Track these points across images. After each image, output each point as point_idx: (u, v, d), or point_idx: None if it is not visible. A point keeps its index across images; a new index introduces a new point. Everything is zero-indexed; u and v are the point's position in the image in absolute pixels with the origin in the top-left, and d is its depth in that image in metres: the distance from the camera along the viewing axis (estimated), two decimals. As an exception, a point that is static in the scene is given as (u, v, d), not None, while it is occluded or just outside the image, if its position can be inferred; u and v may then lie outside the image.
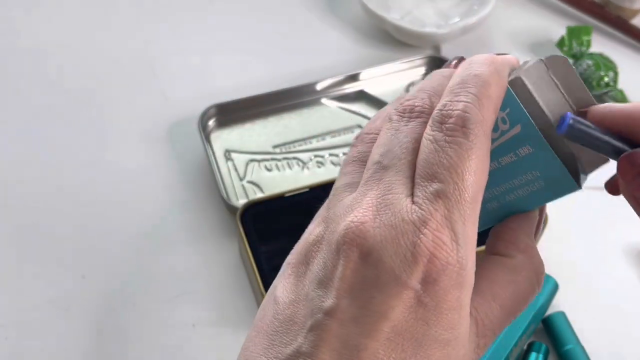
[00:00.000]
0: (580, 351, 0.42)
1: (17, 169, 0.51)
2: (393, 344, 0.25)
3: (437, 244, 0.25)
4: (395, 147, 0.26)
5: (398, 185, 0.25)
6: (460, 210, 0.25)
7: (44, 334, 0.43)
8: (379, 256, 0.25)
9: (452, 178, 0.25)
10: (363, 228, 0.25)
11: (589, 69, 0.54)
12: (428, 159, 0.25)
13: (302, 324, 0.26)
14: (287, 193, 0.44)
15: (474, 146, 0.25)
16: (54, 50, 0.58)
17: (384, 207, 0.25)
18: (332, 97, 0.53)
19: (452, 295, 0.25)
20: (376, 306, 0.25)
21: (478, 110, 0.25)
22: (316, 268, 0.26)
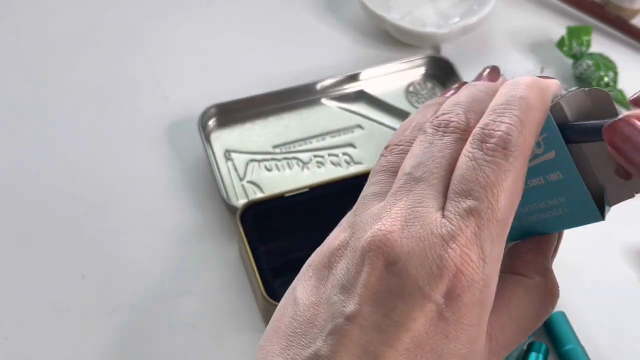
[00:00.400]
0: (580, 351, 0.42)
1: (17, 169, 0.51)
2: (412, 354, 0.25)
3: (464, 260, 0.25)
4: (429, 161, 0.26)
5: (429, 199, 0.26)
6: (490, 230, 0.25)
7: (44, 334, 0.43)
8: (404, 266, 0.25)
9: (487, 197, 0.25)
10: (390, 237, 0.25)
11: (588, 69, 0.54)
12: (464, 175, 0.25)
13: (322, 327, 0.26)
14: (287, 193, 0.45)
15: (512, 168, 0.25)
16: (53, 51, 0.58)
17: (413, 218, 0.25)
18: (332, 97, 0.53)
19: (474, 312, 0.25)
20: (398, 316, 0.25)
21: (520, 133, 0.25)
22: (340, 273, 0.26)
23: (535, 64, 0.58)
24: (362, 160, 0.50)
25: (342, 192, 0.45)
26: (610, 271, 0.46)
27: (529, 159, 0.26)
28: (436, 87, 0.54)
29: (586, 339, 0.43)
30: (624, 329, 0.44)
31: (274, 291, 0.41)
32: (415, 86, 0.54)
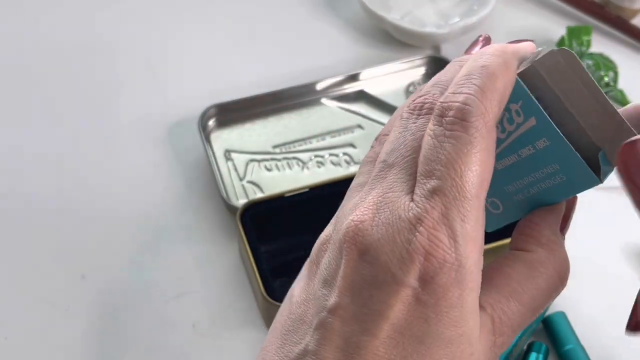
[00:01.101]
0: (580, 351, 0.42)
1: (17, 169, 0.51)
2: (394, 342, 0.25)
3: (432, 241, 0.24)
4: (401, 146, 0.26)
5: (399, 184, 0.25)
6: (458, 208, 0.24)
7: (44, 333, 0.43)
8: (376, 254, 0.25)
9: (449, 174, 0.24)
10: (362, 226, 0.25)
11: (589, 68, 0.54)
12: (427, 155, 0.25)
13: (310, 323, 0.26)
14: (287, 193, 0.44)
15: (473, 140, 0.24)
16: (53, 51, 0.58)
17: (383, 205, 0.25)
18: (332, 97, 0.53)
19: (452, 293, 0.25)
20: (375, 304, 0.25)
21: (480, 102, 0.24)
22: (323, 267, 0.26)
23: (536, 64, 0.58)
24: (362, 160, 0.50)
25: (342, 192, 0.45)
26: (610, 271, 0.46)
27: (514, 130, 0.26)
28: (436, 87, 0.54)
29: (586, 339, 0.43)
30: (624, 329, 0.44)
31: (274, 291, 0.41)
32: (415, 86, 0.54)
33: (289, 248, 0.44)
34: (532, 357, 0.41)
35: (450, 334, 0.25)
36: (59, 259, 0.46)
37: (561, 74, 0.25)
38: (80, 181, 0.50)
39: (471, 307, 0.25)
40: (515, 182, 0.28)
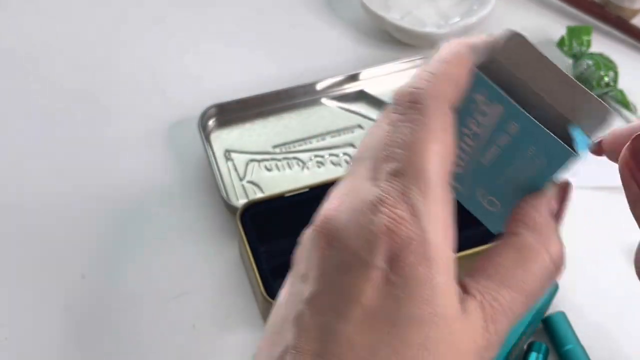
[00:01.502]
0: (580, 351, 0.42)
1: (17, 169, 0.51)
2: (367, 325, 0.25)
3: (394, 219, 0.25)
4: (373, 140, 0.26)
5: (364, 172, 0.26)
6: (418, 186, 0.25)
7: (44, 333, 0.43)
8: (343, 240, 0.25)
9: (407, 155, 0.25)
10: (329, 214, 0.25)
11: (589, 68, 0.54)
12: (385, 141, 0.25)
13: (290, 319, 0.26)
14: (287, 193, 0.44)
15: (429, 121, 0.25)
16: (54, 51, 0.58)
17: (348, 192, 0.26)
18: (332, 97, 0.53)
19: (420, 270, 0.25)
20: (346, 290, 0.25)
21: (432, 84, 0.25)
22: (300, 263, 0.27)
23: (536, 63, 0.58)
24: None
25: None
26: (610, 271, 0.46)
27: (488, 122, 0.27)
28: (436, 87, 0.54)
29: (586, 339, 0.43)
30: (624, 329, 0.44)
31: (273, 291, 0.41)
32: (415, 80, 0.54)
33: (289, 248, 0.44)
34: (532, 357, 0.41)
35: (421, 313, 0.25)
36: (59, 259, 0.46)
37: (520, 58, 0.26)
38: (80, 181, 0.50)
39: (443, 286, 0.25)
40: (503, 174, 0.28)
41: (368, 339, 0.25)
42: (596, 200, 0.49)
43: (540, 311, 0.43)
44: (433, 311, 0.25)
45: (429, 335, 0.25)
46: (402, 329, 0.25)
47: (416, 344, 0.25)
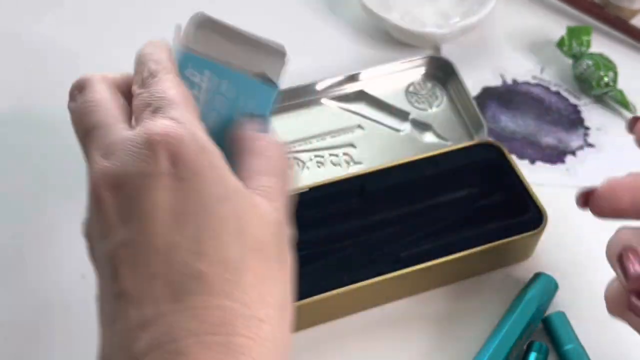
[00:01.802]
0: (580, 351, 0.42)
1: (17, 169, 0.51)
2: (180, 224, 0.28)
3: (164, 128, 0.29)
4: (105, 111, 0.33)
5: (115, 128, 0.31)
6: (168, 105, 0.30)
7: (44, 333, 0.43)
8: (125, 175, 0.29)
9: (151, 95, 0.31)
10: (104, 170, 0.29)
11: (588, 69, 0.54)
12: (135, 103, 0.32)
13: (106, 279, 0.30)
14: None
15: (163, 75, 0.32)
16: (54, 51, 0.58)
17: (107, 145, 0.30)
18: (332, 97, 0.53)
19: (202, 158, 0.29)
20: (145, 207, 0.28)
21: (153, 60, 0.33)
22: (93, 237, 0.31)
23: (535, 64, 0.58)
24: (362, 160, 0.50)
25: (342, 192, 0.45)
26: (610, 271, 0.46)
27: (205, 93, 0.33)
28: (436, 87, 0.54)
29: (586, 339, 0.43)
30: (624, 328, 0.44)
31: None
32: (415, 86, 0.54)
33: (290, 248, 0.44)
34: (532, 357, 0.41)
35: (222, 191, 0.29)
36: (59, 259, 0.46)
37: (204, 34, 0.34)
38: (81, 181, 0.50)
39: (227, 170, 0.30)
40: (222, 131, 0.33)
41: (187, 232, 0.28)
42: (596, 201, 0.49)
43: (540, 311, 0.43)
44: (231, 188, 0.30)
45: (236, 209, 0.29)
46: (213, 208, 0.29)
47: (229, 216, 0.29)
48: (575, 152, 0.52)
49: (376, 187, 0.45)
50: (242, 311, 0.28)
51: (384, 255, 0.44)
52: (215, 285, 0.28)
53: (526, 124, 0.54)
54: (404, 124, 0.52)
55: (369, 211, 0.45)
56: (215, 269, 0.28)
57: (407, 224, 0.45)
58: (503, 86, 0.56)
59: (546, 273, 0.44)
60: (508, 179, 0.46)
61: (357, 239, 0.45)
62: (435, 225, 0.45)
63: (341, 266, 0.44)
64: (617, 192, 0.36)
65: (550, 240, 0.46)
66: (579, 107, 0.55)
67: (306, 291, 0.41)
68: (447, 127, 0.52)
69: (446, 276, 0.44)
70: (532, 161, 0.52)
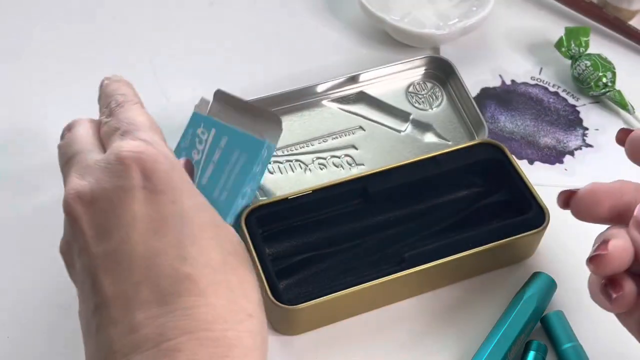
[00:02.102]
0: (579, 350, 0.42)
1: (17, 170, 0.51)
2: (160, 233, 0.30)
3: (134, 147, 0.32)
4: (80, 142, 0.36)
5: (85, 154, 0.34)
6: (137, 130, 0.34)
7: (46, 332, 0.44)
8: (100, 191, 0.31)
9: (115, 118, 0.35)
10: (77, 188, 0.32)
11: (587, 69, 0.55)
12: (104, 129, 0.36)
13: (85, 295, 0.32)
14: (291, 196, 0.45)
15: (132, 106, 0.37)
16: (53, 50, 0.58)
17: (82, 167, 0.33)
18: (333, 98, 0.53)
19: (174, 174, 0.32)
20: (123, 218, 0.31)
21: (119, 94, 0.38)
22: (64, 246, 0.34)
23: (534, 64, 0.58)
24: (364, 161, 0.50)
25: (344, 194, 0.46)
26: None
27: (204, 147, 0.40)
28: (436, 87, 0.54)
29: (584, 338, 0.43)
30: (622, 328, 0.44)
31: (279, 293, 0.41)
32: (416, 87, 0.54)
33: (293, 250, 0.45)
34: (531, 356, 0.41)
35: (195, 202, 0.32)
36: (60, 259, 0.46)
37: (219, 104, 0.41)
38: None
39: (191, 184, 0.33)
40: (218, 184, 0.40)
41: (168, 239, 0.30)
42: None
43: (539, 310, 0.43)
44: (200, 199, 0.33)
45: (212, 216, 0.32)
46: (189, 218, 0.31)
47: (205, 224, 0.31)
48: (573, 152, 0.53)
49: (378, 188, 0.45)
50: (231, 307, 0.30)
51: (387, 256, 0.44)
52: (202, 285, 0.30)
53: (525, 125, 0.54)
54: (405, 124, 0.52)
55: (371, 212, 0.46)
56: (201, 271, 0.30)
57: (410, 225, 0.46)
58: (502, 87, 0.56)
59: (545, 272, 0.44)
60: (510, 178, 0.46)
61: (360, 240, 0.45)
62: (438, 225, 0.46)
63: (345, 268, 0.44)
64: (598, 196, 0.37)
65: (549, 239, 0.46)
66: (577, 108, 0.55)
67: (310, 293, 0.41)
68: (448, 127, 0.52)
69: (450, 276, 0.44)
70: (531, 161, 0.52)
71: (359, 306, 0.43)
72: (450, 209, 0.47)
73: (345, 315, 0.43)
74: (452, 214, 0.46)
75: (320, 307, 0.41)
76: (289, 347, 0.43)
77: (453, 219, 0.46)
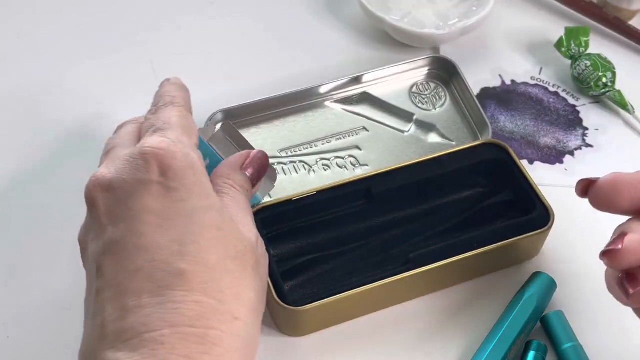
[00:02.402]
0: (579, 350, 0.42)
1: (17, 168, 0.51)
2: (165, 227, 0.32)
3: (157, 143, 0.33)
4: (122, 136, 0.39)
5: (119, 150, 0.36)
6: (168, 128, 0.35)
7: (46, 332, 0.43)
8: (119, 180, 0.33)
9: (155, 117, 0.37)
10: (99, 176, 0.34)
11: (587, 69, 0.55)
12: (145, 125, 0.37)
13: (95, 283, 0.33)
14: (295, 197, 0.45)
15: (175, 108, 0.38)
16: (53, 52, 0.58)
17: (111, 159, 0.35)
18: (336, 99, 0.53)
19: (190, 173, 0.33)
20: (132, 208, 0.32)
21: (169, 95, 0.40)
22: (88, 237, 0.35)
23: (534, 64, 0.58)
24: (368, 162, 0.50)
25: (349, 194, 0.46)
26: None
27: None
28: (439, 87, 0.54)
29: (584, 338, 0.43)
30: (623, 327, 0.44)
31: (284, 294, 0.41)
32: (419, 87, 0.54)
33: (298, 251, 0.45)
34: (531, 356, 0.42)
35: (206, 204, 0.33)
36: (60, 258, 0.46)
37: (221, 135, 0.43)
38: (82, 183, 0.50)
39: (208, 184, 0.34)
40: None
41: (171, 235, 0.31)
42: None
43: (539, 310, 0.43)
44: (212, 202, 0.33)
45: (215, 219, 0.33)
46: (197, 217, 0.32)
47: (210, 226, 0.32)
48: (573, 152, 0.53)
49: (383, 189, 0.45)
50: (218, 307, 0.31)
51: (392, 256, 0.44)
52: (194, 282, 0.31)
53: (525, 125, 0.54)
54: (409, 125, 0.52)
55: (376, 213, 0.46)
56: (195, 268, 0.31)
57: (414, 225, 0.46)
58: (502, 87, 0.56)
59: (545, 272, 0.45)
60: (514, 178, 0.46)
61: (365, 241, 0.45)
62: (443, 226, 0.46)
63: (350, 269, 0.44)
64: (618, 187, 0.36)
65: (549, 239, 0.46)
66: (577, 108, 0.56)
67: (315, 295, 0.41)
68: (452, 127, 0.52)
69: (454, 276, 0.45)
70: (531, 161, 0.52)
71: (364, 307, 0.43)
72: (455, 209, 0.47)
73: (350, 316, 0.43)
74: (456, 214, 0.46)
75: (325, 309, 0.41)
76: (294, 348, 0.43)
77: (457, 219, 0.46)
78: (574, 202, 0.49)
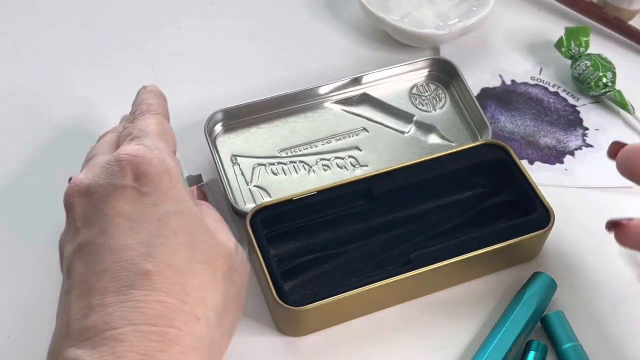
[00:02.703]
0: (579, 350, 0.42)
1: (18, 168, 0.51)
2: (135, 230, 0.32)
3: (133, 150, 0.34)
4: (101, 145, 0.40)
5: (102, 155, 0.37)
6: (144, 136, 0.36)
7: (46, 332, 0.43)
8: (95, 186, 0.34)
9: (132, 125, 0.38)
10: (77, 182, 0.34)
11: (587, 69, 0.55)
12: (123, 133, 0.38)
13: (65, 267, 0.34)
14: (295, 197, 0.45)
15: (152, 116, 0.39)
16: (54, 53, 0.58)
17: (90, 166, 0.36)
18: (336, 100, 0.53)
19: (166, 178, 0.34)
20: (106, 212, 0.33)
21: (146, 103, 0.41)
22: (68, 229, 0.35)
23: (534, 64, 0.58)
24: (367, 162, 0.50)
25: (348, 194, 0.46)
26: (608, 270, 0.47)
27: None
28: (439, 88, 0.54)
29: (584, 338, 0.43)
30: (623, 327, 0.45)
31: (284, 294, 0.41)
32: (419, 88, 0.54)
33: (298, 251, 0.45)
34: (531, 356, 0.42)
35: (178, 208, 0.34)
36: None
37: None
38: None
39: (184, 190, 0.35)
40: None
41: (140, 237, 0.32)
42: (595, 201, 0.50)
43: (539, 310, 0.43)
44: (185, 207, 0.34)
45: (187, 224, 0.34)
46: (167, 222, 0.33)
47: (180, 230, 0.33)
48: (573, 152, 0.53)
49: (383, 190, 0.45)
50: (181, 307, 0.32)
51: (392, 257, 0.44)
52: (159, 283, 0.31)
53: (525, 125, 0.54)
54: (409, 126, 0.52)
55: (376, 213, 0.46)
56: (161, 269, 0.32)
57: (415, 226, 0.46)
58: (502, 87, 0.56)
59: (545, 272, 0.45)
60: (514, 178, 0.46)
61: (365, 241, 0.45)
62: (443, 226, 0.46)
63: (350, 269, 0.44)
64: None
65: (550, 240, 0.46)
66: (577, 108, 0.56)
67: (315, 294, 0.42)
68: (452, 128, 0.52)
69: (455, 277, 0.45)
70: (531, 161, 0.52)
71: (364, 307, 0.43)
72: (455, 210, 0.47)
73: (351, 316, 0.43)
74: (456, 214, 0.47)
75: (325, 308, 0.41)
76: (294, 348, 0.43)
77: (457, 219, 0.46)
78: (574, 203, 0.50)
